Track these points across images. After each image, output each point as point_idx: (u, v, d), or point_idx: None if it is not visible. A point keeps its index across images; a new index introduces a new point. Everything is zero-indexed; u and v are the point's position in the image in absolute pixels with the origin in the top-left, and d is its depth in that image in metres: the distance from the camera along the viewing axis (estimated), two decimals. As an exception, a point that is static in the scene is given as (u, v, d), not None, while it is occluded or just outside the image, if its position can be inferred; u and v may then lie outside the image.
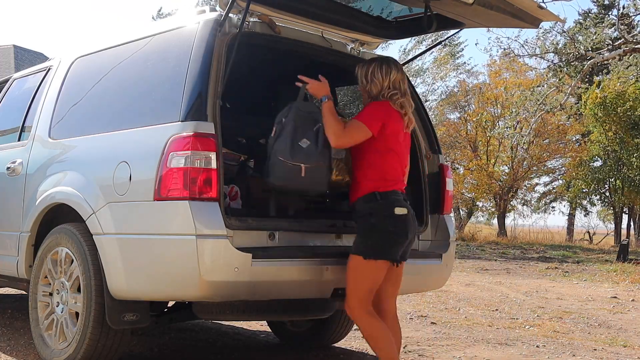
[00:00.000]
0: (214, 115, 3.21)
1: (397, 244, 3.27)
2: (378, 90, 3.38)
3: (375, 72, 3.39)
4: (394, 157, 3.35)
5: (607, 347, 5.31)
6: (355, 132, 3.29)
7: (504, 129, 23.31)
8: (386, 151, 3.32)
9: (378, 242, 3.23)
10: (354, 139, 3.30)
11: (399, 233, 3.26)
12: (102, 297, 3.45)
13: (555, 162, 27.12)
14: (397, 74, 3.40)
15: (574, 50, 15.51)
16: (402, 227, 3.27)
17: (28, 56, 23.74)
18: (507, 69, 25.65)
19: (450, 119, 27.84)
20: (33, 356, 4.10)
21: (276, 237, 3.45)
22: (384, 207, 3.25)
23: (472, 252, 16.59)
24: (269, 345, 4.93)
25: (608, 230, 29.43)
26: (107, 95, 3.97)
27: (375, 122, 3.28)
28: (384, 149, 3.31)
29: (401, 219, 3.26)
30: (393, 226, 3.24)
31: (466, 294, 8.31)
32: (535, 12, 3.59)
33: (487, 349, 5.02)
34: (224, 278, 3.10)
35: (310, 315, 4.00)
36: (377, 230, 3.24)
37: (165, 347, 4.61)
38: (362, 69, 3.45)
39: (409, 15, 4.00)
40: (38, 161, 4.18)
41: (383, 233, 3.23)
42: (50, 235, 3.87)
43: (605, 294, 8.86)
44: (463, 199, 26.41)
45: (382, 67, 3.40)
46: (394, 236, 3.25)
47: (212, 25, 3.38)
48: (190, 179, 3.10)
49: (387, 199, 3.27)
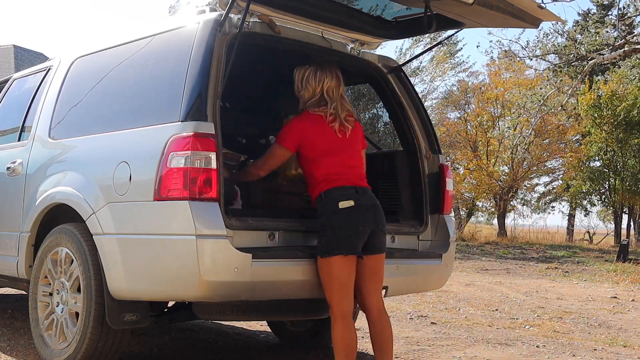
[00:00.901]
0: (214, 115, 3.21)
1: (346, 237, 3.29)
2: (310, 96, 3.49)
3: (310, 78, 3.48)
4: (331, 158, 3.43)
5: (607, 347, 5.31)
6: (270, 158, 3.59)
7: (505, 129, 23.30)
8: (320, 156, 3.43)
9: (328, 239, 3.29)
10: (272, 164, 3.61)
11: (345, 226, 3.29)
12: (102, 297, 3.45)
13: (555, 162, 27.12)
14: (332, 82, 3.47)
15: (574, 51, 15.51)
16: (348, 220, 3.30)
17: (28, 56, 23.75)
18: (507, 69, 25.64)
19: (450, 119, 27.83)
20: (33, 356, 4.10)
21: (276, 237, 3.45)
22: (328, 204, 3.34)
23: (472, 252, 16.59)
24: (269, 345, 4.93)
25: (608, 230, 29.42)
26: (107, 95, 3.97)
27: (290, 140, 3.48)
28: (315, 155, 3.44)
29: (346, 212, 3.31)
30: (338, 221, 3.29)
31: (466, 294, 8.31)
32: (535, 12, 3.59)
33: (487, 349, 5.02)
34: (224, 278, 3.10)
35: (310, 315, 4.00)
36: (325, 228, 3.30)
37: (165, 347, 4.61)
38: (298, 73, 3.55)
39: (409, 15, 3.99)
40: (38, 161, 4.18)
41: (330, 229, 3.29)
42: (50, 236, 3.87)
43: (605, 294, 8.86)
44: (463, 199, 26.38)
45: (316, 73, 3.47)
46: (340, 230, 3.28)
47: (212, 25, 3.38)
48: (190, 179, 3.10)
49: (329, 196, 3.35)
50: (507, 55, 18.03)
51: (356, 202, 3.34)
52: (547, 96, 17.53)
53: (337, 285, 3.29)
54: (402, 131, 4.23)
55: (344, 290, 3.30)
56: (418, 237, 4.11)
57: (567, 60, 16.28)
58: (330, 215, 3.31)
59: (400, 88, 4.24)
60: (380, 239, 3.42)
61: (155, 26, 3.91)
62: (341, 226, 3.29)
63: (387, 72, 4.25)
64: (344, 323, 3.29)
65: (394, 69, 4.28)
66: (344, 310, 3.30)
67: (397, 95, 4.22)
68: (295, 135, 3.47)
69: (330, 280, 3.28)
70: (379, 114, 15.27)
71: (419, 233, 4.10)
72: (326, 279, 3.29)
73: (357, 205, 3.34)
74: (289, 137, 3.49)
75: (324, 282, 3.31)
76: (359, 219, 3.33)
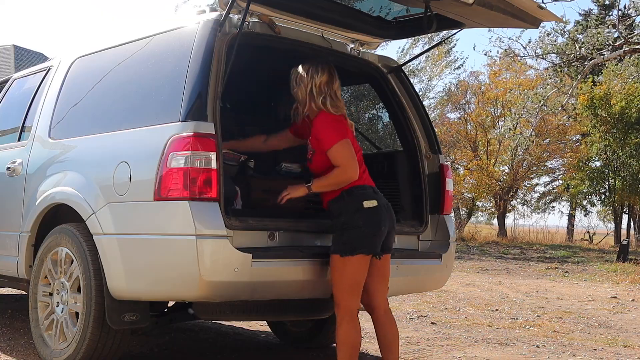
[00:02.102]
0: (214, 115, 3.21)
1: (370, 236, 3.28)
2: (304, 94, 3.42)
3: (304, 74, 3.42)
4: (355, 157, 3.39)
5: (607, 347, 5.31)
6: (347, 152, 3.33)
7: (505, 129, 23.29)
8: None
9: (351, 238, 3.26)
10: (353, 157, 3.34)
11: (370, 225, 3.28)
12: (102, 297, 3.45)
13: (555, 162, 27.13)
14: (323, 76, 3.41)
15: (574, 51, 15.51)
16: (372, 220, 3.29)
17: (28, 56, 23.75)
18: (507, 69, 25.64)
19: (450, 119, 27.85)
20: (33, 356, 4.10)
21: (276, 237, 3.45)
22: (351, 203, 3.30)
23: (472, 252, 16.59)
24: (269, 345, 4.93)
25: (608, 230, 29.41)
26: (107, 95, 3.97)
27: (343, 131, 3.36)
28: None
29: (371, 212, 3.29)
30: (362, 220, 3.27)
31: (466, 294, 8.31)
32: (536, 12, 3.59)
33: (487, 349, 5.02)
34: (224, 278, 3.10)
35: (310, 316, 4.00)
36: (348, 227, 3.27)
37: (165, 347, 4.61)
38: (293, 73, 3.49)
39: (409, 15, 3.99)
40: (38, 161, 4.18)
41: (354, 229, 3.26)
42: (50, 236, 3.87)
43: (605, 294, 8.86)
44: (463, 199, 26.39)
45: (309, 70, 3.42)
46: (365, 229, 3.27)
47: (212, 25, 3.38)
48: (190, 179, 3.10)
49: (352, 195, 3.31)
50: (507, 54, 18.01)
51: (379, 202, 3.34)
52: (548, 96, 17.52)
53: (350, 285, 3.27)
54: (402, 131, 4.23)
55: (356, 289, 3.30)
56: (418, 237, 4.11)
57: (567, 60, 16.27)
58: (353, 214, 3.27)
59: (400, 88, 4.24)
60: (392, 239, 3.44)
61: (155, 26, 3.91)
62: (366, 225, 3.27)
63: (387, 72, 4.25)
64: (351, 322, 3.27)
65: (394, 69, 4.28)
66: (353, 309, 3.29)
67: (397, 95, 4.22)
68: (342, 127, 3.38)
69: (345, 279, 3.25)
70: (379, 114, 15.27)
71: (419, 233, 4.10)
72: (340, 278, 3.26)
73: (379, 205, 3.33)
74: (339, 128, 3.36)
75: (336, 280, 3.27)
76: (381, 218, 3.32)
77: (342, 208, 3.31)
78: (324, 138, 3.35)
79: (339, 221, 3.31)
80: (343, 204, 3.31)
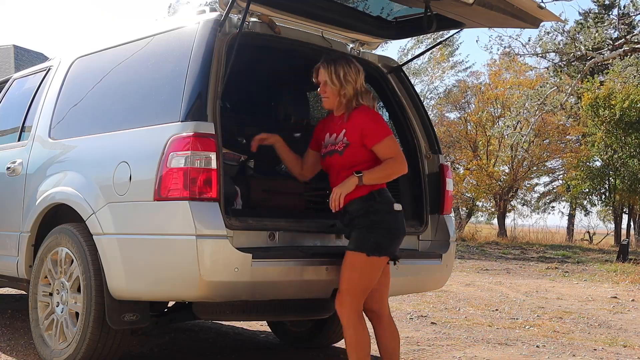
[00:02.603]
0: (214, 115, 3.20)
1: (396, 239, 3.29)
2: (351, 92, 3.32)
3: (349, 72, 3.32)
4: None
5: (607, 347, 5.31)
6: (398, 145, 3.40)
7: (504, 128, 23.30)
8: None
9: (381, 239, 3.22)
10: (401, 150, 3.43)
11: (399, 229, 3.29)
12: (102, 297, 3.45)
13: (555, 162, 27.14)
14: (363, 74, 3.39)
15: (574, 50, 15.51)
16: (400, 223, 3.30)
17: (28, 56, 23.75)
18: (507, 69, 25.65)
19: (450, 119, 27.85)
20: (33, 356, 4.10)
21: (276, 237, 3.45)
22: (383, 204, 3.27)
23: (472, 252, 16.59)
24: (269, 345, 4.93)
25: (608, 230, 29.45)
26: (107, 95, 3.97)
27: (388, 126, 3.36)
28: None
29: (399, 216, 3.30)
30: (393, 222, 3.26)
31: (466, 294, 8.31)
32: (536, 12, 3.59)
33: (487, 349, 5.02)
34: (224, 278, 3.09)
35: (310, 316, 4.00)
36: (378, 227, 3.22)
37: (165, 347, 4.61)
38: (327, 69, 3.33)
39: (409, 15, 3.99)
40: (38, 161, 4.18)
41: (385, 230, 3.23)
42: (50, 236, 3.87)
43: (605, 294, 8.86)
44: (463, 199, 26.41)
45: (350, 66, 3.34)
46: (395, 232, 3.27)
47: (212, 25, 3.38)
48: (190, 179, 3.10)
49: (382, 196, 3.29)
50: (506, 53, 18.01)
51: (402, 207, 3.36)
52: (547, 95, 17.53)
53: (366, 285, 3.23)
54: (402, 131, 4.23)
55: (368, 291, 3.27)
56: (418, 237, 4.11)
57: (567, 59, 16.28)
58: (385, 215, 3.25)
59: (400, 88, 4.24)
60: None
61: (155, 26, 3.91)
62: (395, 228, 3.27)
63: (387, 72, 4.25)
64: (361, 323, 3.23)
65: (394, 69, 4.28)
66: (360, 310, 3.26)
67: (397, 95, 4.22)
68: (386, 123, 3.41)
69: (364, 278, 3.21)
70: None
71: (419, 233, 4.09)
72: (358, 277, 3.19)
73: (403, 209, 3.35)
74: (385, 123, 3.37)
75: (353, 279, 3.19)
76: (404, 224, 3.34)
77: (372, 207, 3.23)
78: (373, 131, 3.28)
79: (366, 220, 3.22)
80: (374, 203, 3.24)
